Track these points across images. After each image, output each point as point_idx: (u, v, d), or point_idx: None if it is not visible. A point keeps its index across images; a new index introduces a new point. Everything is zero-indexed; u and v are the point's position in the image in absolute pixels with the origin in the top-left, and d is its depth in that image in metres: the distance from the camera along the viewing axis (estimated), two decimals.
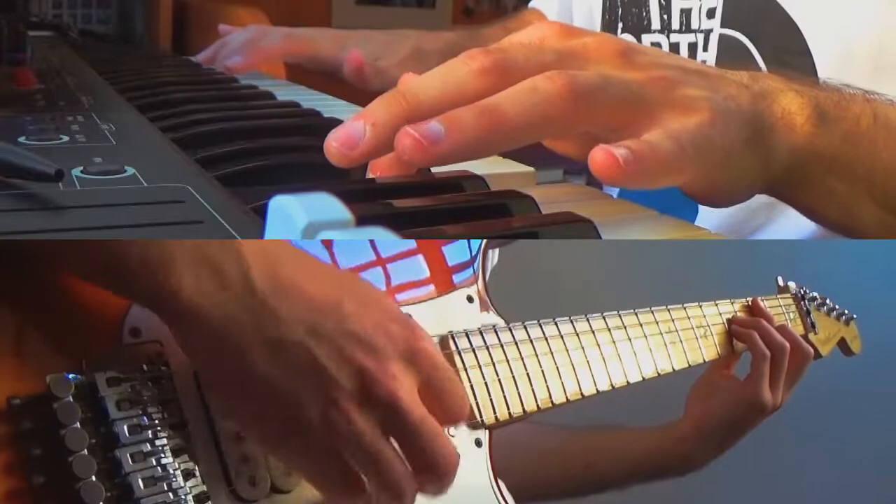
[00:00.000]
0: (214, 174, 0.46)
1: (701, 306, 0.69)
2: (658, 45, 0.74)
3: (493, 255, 0.52)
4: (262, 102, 0.76)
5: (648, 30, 0.75)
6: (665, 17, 0.73)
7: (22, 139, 0.49)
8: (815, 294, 0.84)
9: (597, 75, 0.40)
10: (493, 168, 0.50)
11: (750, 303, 0.73)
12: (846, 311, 0.88)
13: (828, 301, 0.86)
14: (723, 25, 0.69)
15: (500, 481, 0.44)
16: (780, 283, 0.83)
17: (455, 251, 0.47)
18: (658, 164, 0.38)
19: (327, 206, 0.31)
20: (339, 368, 0.33)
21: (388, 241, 0.31)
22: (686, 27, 0.71)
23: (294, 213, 0.31)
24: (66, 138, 0.51)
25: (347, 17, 2.77)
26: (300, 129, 0.63)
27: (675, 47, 0.73)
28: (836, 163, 0.45)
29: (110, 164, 0.44)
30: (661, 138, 0.39)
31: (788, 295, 0.81)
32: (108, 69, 0.87)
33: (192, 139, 0.55)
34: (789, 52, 0.65)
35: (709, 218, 0.70)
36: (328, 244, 0.43)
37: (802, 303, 0.81)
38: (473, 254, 0.48)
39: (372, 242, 0.45)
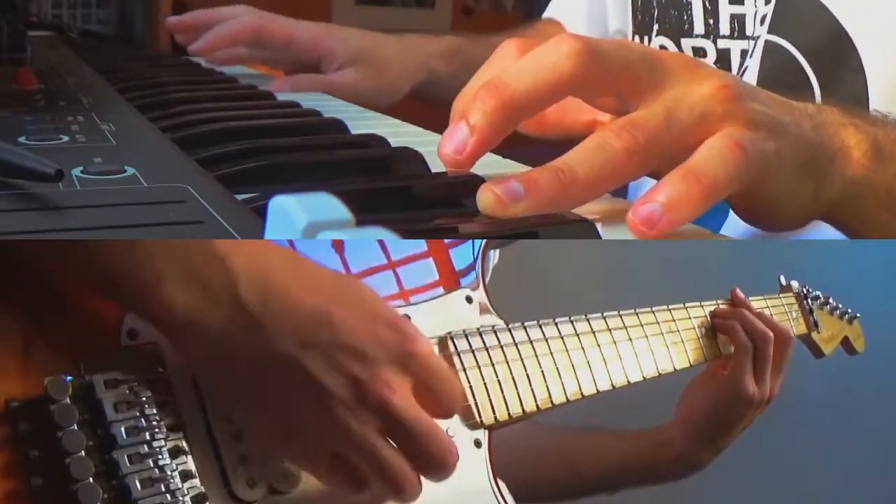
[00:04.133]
0: (214, 174, 0.46)
1: (703, 306, 0.69)
2: (702, 50, 0.73)
3: (493, 256, 0.52)
4: (262, 102, 0.76)
5: (690, 34, 0.74)
6: (711, 21, 0.72)
7: (22, 139, 0.49)
8: (819, 293, 0.84)
9: (662, 115, 0.40)
10: (501, 171, 0.50)
11: (731, 296, 0.72)
12: (849, 310, 0.87)
13: (831, 300, 0.85)
14: (770, 31, 0.68)
15: (499, 482, 0.44)
16: (783, 281, 0.82)
17: (461, 254, 0.47)
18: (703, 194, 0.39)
19: (327, 205, 0.31)
20: (332, 379, 0.34)
21: (397, 242, 0.31)
22: (739, 33, 0.70)
23: (294, 213, 0.31)
24: (66, 138, 0.51)
25: (347, 17, 2.76)
26: (300, 129, 0.62)
27: (724, 53, 0.72)
28: (890, 198, 0.46)
29: (110, 164, 0.44)
30: (708, 159, 0.40)
31: (791, 294, 0.81)
32: (108, 69, 0.87)
33: (192, 139, 0.55)
34: (842, 67, 0.64)
35: (737, 227, 0.70)
36: (338, 246, 0.43)
37: (805, 301, 0.81)
38: (474, 253, 0.48)
39: (381, 242, 0.45)
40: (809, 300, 0.82)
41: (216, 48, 0.94)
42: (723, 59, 0.72)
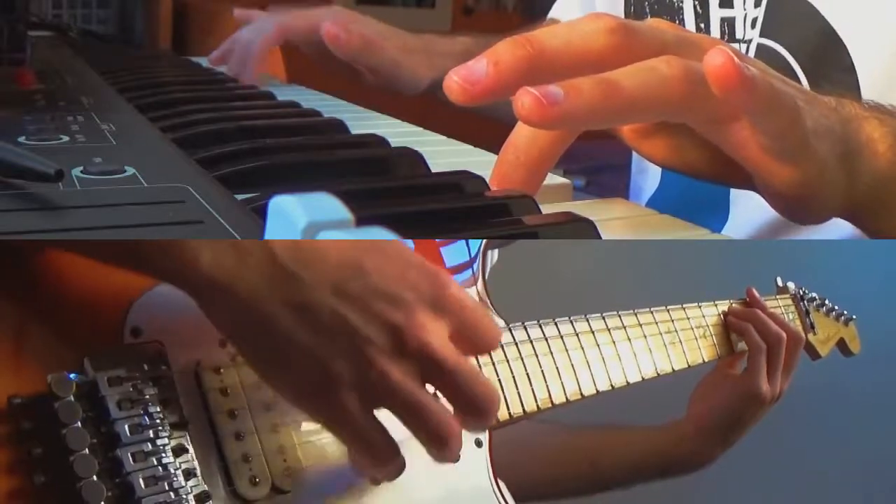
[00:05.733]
0: (214, 174, 0.46)
1: (700, 307, 0.69)
2: None
3: (493, 256, 0.52)
4: (262, 102, 0.76)
5: None
6: (702, 25, 0.72)
7: (22, 139, 0.49)
8: (815, 295, 0.85)
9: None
10: None
11: (746, 296, 0.74)
12: (845, 312, 0.88)
13: (827, 301, 0.86)
14: (762, 35, 0.68)
15: (500, 482, 0.44)
16: (780, 283, 0.83)
17: (454, 252, 0.47)
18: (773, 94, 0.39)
19: (327, 206, 0.31)
20: (369, 325, 0.33)
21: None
22: (730, 37, 0.71)
23: (294, 213, 0.31)
24: (66, 138, 0.51)
25: None
26: (300, 129, 0.63)
27: None
28: None
29: (110, 164, 0.44)
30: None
31: (787, 295, 0.81)
32: (108, 69, 0.87)
33: (192, 139, 0.55)
34: (832, 67, 0.65)
35: (737, 231, 0.70)
36: None
37: (801, 303, 0.82)
38: (472, 254, 0.48)
39: None
40: (805, 301, 0.82)
41: (257, 70, 0.92)
42: None
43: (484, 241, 0.48)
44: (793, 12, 0.66)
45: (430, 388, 0.35)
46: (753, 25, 0.69)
